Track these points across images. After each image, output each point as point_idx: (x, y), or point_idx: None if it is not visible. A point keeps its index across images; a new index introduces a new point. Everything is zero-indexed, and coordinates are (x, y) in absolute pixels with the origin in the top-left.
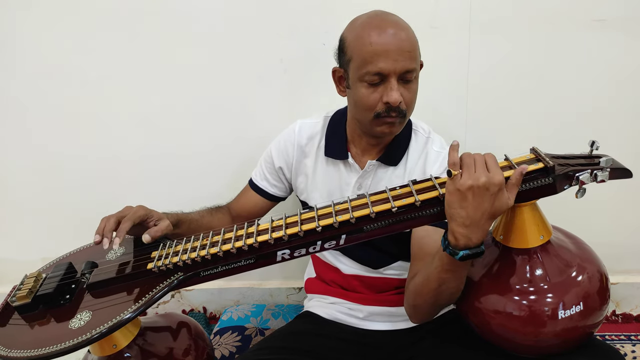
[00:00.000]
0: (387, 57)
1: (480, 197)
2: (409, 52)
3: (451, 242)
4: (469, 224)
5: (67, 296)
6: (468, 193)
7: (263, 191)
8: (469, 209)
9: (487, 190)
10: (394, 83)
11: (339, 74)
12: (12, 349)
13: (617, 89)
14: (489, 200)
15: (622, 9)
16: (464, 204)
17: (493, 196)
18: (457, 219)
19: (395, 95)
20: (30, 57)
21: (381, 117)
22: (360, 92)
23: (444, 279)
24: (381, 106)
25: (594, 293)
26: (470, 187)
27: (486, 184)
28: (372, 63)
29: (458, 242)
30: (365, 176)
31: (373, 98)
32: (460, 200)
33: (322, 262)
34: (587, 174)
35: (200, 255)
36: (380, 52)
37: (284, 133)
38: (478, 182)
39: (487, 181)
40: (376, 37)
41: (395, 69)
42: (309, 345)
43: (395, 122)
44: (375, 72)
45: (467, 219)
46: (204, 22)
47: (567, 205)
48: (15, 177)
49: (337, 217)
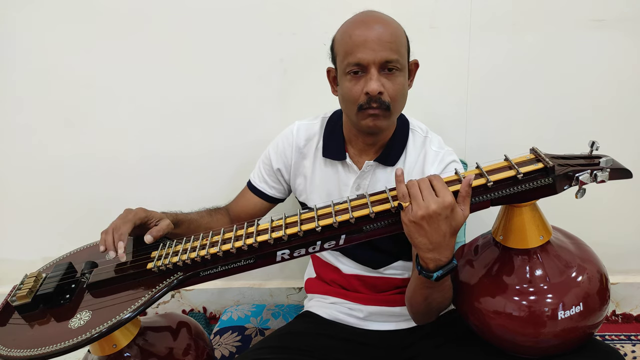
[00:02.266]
0: (365, 46)
1: (436, 222)
2: (389, 43)
3: (423, 266)
4: (433, 248)
5: (67, 296)
6: (422, 222)
7: (261, 193)
8: (429, 235)
9: (440, 215)
10: (373, 73)
11: (332, 73)
12: (12, 349)
13: (617, 89)
14: (445, 222)
15: (622, 9)
16: (422, 232)
17: (448, 218)
18: (422, 247)
19: (374, 85)
20: (30, 56)
21: (364, 109)
22: (344, 86)
23: (427, 294)
24: (363, 97)
25: (594, 293)
26: (423, 217)
27: (437, 210)
28: (352, 54)
29: (429, 266)
30: (363, 176)
31: (355, 90)
32: (418, 230)
33: (322, 262)
34: (587, 174)
35: (200, 255)
36: (359, 42)
37: (282, 134)
38: (429, 211)
39: (438, 207)
40: (357, 30)
41: (374, 59)
42: (309, 345)
43: (379, 114)
44: (355, 63)
45: (430, 244)
46: (204, 22)
47: (567, 206)
48: (15, 177)
49: (337, 217)
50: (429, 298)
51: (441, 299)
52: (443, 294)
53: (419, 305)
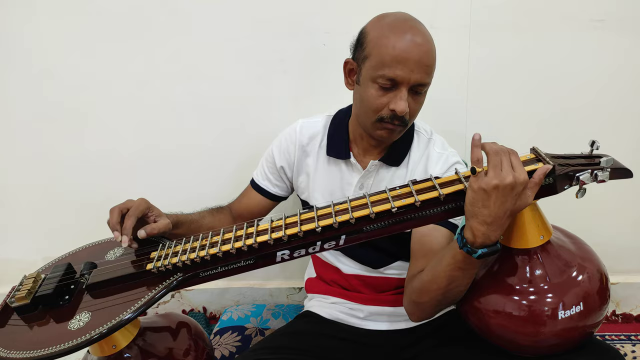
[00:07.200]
0: (405, 65)
1: (505, 196)
2: (427, 67)
3: (469, 239)
4: (490, 221)
5: (67, 297)
6: (493, 192)
7: (265, 191)
8: (492, 207)
9: (512, 190)
10: (404, 92)
11: (350, 66)
12: (11, 350)
13: (617, 88)
14: (513, 199)
15: (622, 9)
16: (488, 202)
17: (517, 195)
18: (479, 217)
19: (403, 105)
20: (29, 56)
21: (384, 122)
22: (369, 93)
23: (454, 277)
24: (387, 112)
25: (594, 293)
26: (496, 187)
27: (512, 183)
28: (389, 67)
29: (476, 240)
30: (367, 176)
31: (380, 102)
32: (484, 199)
33: (322, 262)
34: (587, 174)
35: (200, 255)
36: (400, 58)
37: (286, 132)
38: (504, 182)
39: (514, 181)
40: (399, 41)
41: (410, 79)
42: (309, 345)
43: (396, 129)
44: (389, 78)
45: (489, 217)
46: (204, 22)
47: (567, 205)
48: (15, 177)
49: (337, 217)
50: (454, 282)
51: (464, 286)
52: (468, 281)
53: (437, 291)
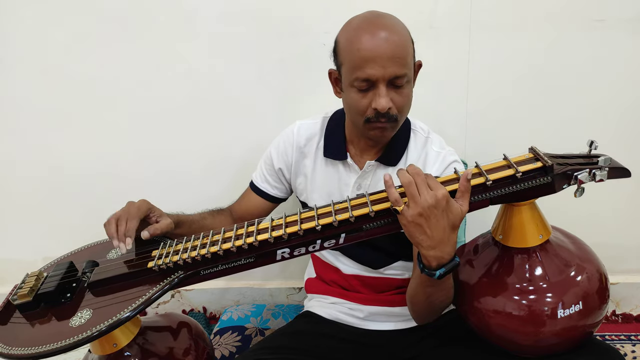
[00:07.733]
0: (374, 62)
1: (435, 217)
2: (399, 58)
3: (425, 265)
4: (435, 245)
5: (68, 295)
6: (421, 219)
7: (264, 193)
8: (429, 232)
9: (437, 208)
10: (382, 89)
11: (334, 75)
12: (13, 347)
13: (616, 88)
14: (443, 215)
15: (622, 9)
16: (422, 229)
17: (444, 211)
18: (424, 244)
19: (383, 102)
20: (29, 56)
21: (372, 122)
22: (351, 97)
23: (429, 292)
24: (371, 112)
25: (593, 293)
26: (421, 214)
27: (433, 204)
28: (361, 69)
29: (431, 264)
30: (364, 176)
31: (363, 104)
32: (418, 229)
33: (322, 262)
34: (585, 173)
35: (201, 254)
36: (369, 58)
37: (283, 134)
38: (426, 206)
39: (434, 201)
40: (365, 42)
41: (383, 76)
42: (309, 345)
43: (387, 127)
44: (363, 79)
45: (431, 241)
46: (204, 22)
47: (566, 205)
48: (16, 177)
49: (337, 216)
50: (431, 297)
51: (443, 298)
52: (445, 292)
53: (421, 304)
